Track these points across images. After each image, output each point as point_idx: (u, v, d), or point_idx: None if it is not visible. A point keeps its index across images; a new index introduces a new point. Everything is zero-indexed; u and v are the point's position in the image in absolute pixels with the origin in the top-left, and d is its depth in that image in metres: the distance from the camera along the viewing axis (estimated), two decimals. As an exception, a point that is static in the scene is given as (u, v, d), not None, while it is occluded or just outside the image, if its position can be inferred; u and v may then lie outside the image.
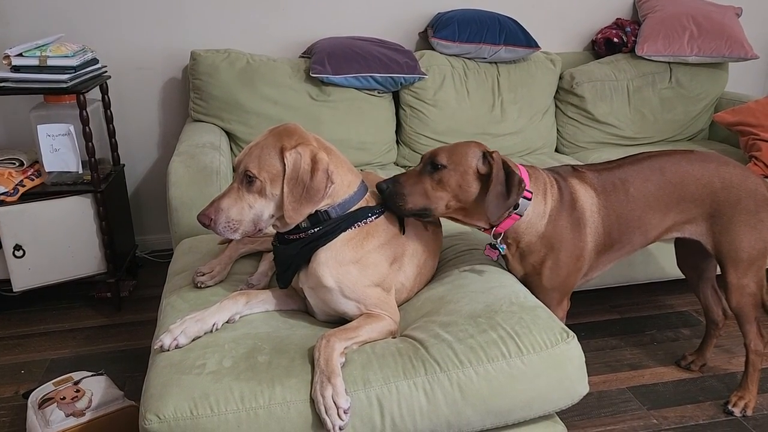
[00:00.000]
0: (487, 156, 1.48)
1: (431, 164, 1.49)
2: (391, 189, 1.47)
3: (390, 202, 1.47)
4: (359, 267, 1.40)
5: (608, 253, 1.72)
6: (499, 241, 1.59)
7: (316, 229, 1.39)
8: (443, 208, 1.51)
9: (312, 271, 1.40)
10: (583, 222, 1.64)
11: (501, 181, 1.46)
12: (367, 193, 1.47)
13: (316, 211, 1.38)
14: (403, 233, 1.50)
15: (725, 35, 2.94)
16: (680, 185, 1.72)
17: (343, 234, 1.39)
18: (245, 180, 1.35)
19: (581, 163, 1.78)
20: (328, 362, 1.23)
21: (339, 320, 1.46)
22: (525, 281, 1.68)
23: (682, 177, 1.72)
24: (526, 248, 1.61)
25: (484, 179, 1.48)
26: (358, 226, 1.41)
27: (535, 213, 1.58)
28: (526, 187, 1.54)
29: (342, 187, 1.41)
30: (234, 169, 1.39)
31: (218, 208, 1.35)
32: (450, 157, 1.48)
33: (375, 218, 1.44)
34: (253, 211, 1.36)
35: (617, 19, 3.16)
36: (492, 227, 1.57)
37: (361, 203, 1.44)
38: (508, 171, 1.47)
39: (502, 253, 1.61)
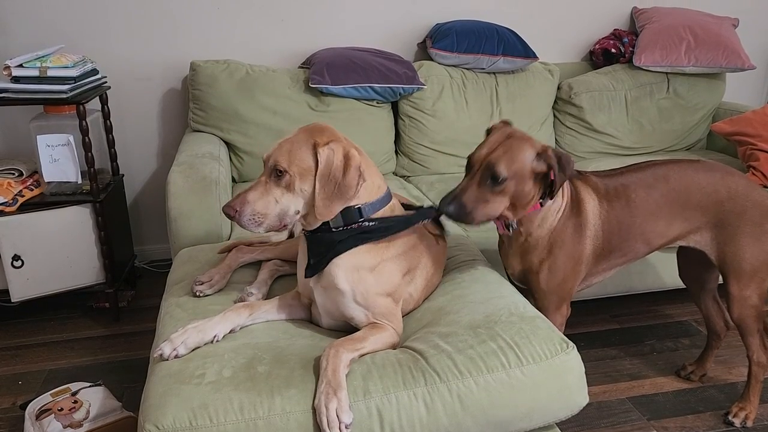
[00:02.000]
0: (542, 155, 1.48)
1: (492, 178, 1.47)
2: (458, 211, 1.47)
3: (458, 221, 1.49)
4: (375, 275, 1.40)
5: (608, 259, 1.72)
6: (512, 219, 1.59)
7: (372, 223, 1.39)
8: (501, 210, 1.52)
9: (328, 271, 1.40)
10: (585, 226, 1.64)
11: (560, 172, 1.47)
12: (393, 200, 1.47)
13: (348, 208, 1.37)
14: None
15: (722, 46, 2.96)
16: (685, 193, 1.72)
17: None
18: (274, 174, 1.34)
19: (585, 170, 1.78)
20: (335, 373, 1.22)
21: (342, 327, 1.46)
22: (522, 281, 1.68)
23: (687, 185, 1.72)
24: (532, 242, 1.61)
25: (539, 175, 1.50)
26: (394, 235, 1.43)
27: (553, 207, 1.59)
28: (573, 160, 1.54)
29: (373, 188, 1.41)
30: (263, 165, 1.38)
31: (244, 200, 1.33)
32: (509, 167, 1.46)
33: (429, 221, 1.50)
34: (280, 206, 1.35)
35: (615, 29, 3.18)
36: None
37: (388, 208, 1.44)
38: (558, 156, 1.48)
39: (514, 228, 1.60)
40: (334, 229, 1.38)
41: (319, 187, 1.33)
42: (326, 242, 1.39)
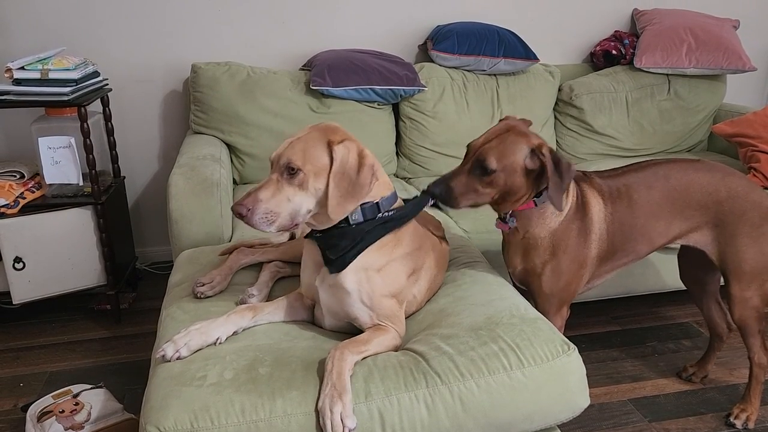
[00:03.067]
0: (536, 152, 1.48)
1: (481, 167, 1.48)
2: (444, 192, 1.49)
3: (443, 202, 1.50)
4: (382, 275, 1.40)
5: (611, 261, 1.72)
6: (509, 215, 1.59)
7: (390, 213, 1.40)
8: (488, 201, 1.53)
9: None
10: (590, 229, 1.64)
11: (554, 172, 1.46)
12: (399, 199, 1.48)
13: (366, 203, 1.37)
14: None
15: (723, 47, 2.96)
16: (685, 192, 1.72)
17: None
18: (287, 172, 1.32)
19: (586, 171, 1.78)
20: (340, 376, 1.22)
21: (344, 328, 1.46)
22: (524, 282, 1.67)
23: (687, 184, 1.72)
24: (531, 241, 1.61)
25: (532, 172, 1.50)
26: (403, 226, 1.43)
27: (554, 210, 1.58)
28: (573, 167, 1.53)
29: (385, 184, 1.42)
30: (271, 164, 1.37)
31: (256, 199, 1.31)
32: (500, 160, 1.47)
33: (431, 204, 1.49)
34: (292, 205, 1.33)
35: (615, 31, 3.18)
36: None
37: (397, 204, 1.45)
38: (557, 160, 1.47)
39: (513, 226, 1.60)
40: (353, 225, 1.38)
41: (333, 185, 1.32)
42: (350, 235, 1.37)
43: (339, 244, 1.38)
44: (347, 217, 1.37)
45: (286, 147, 1.35)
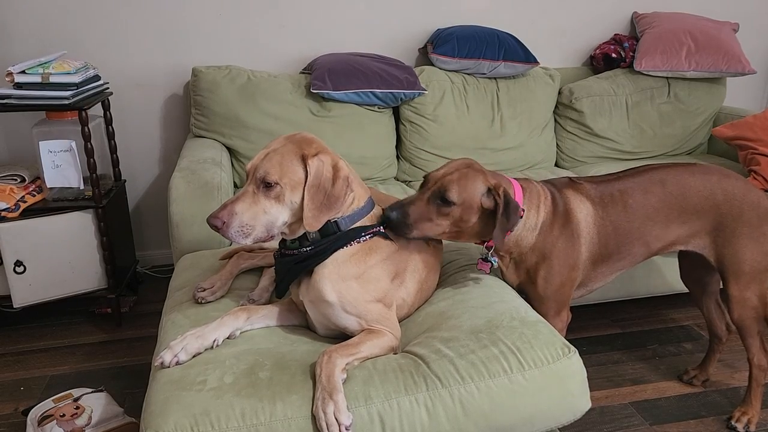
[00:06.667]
0: (492, 192, 1.49)
1: (441, 198, 1.48)
2: (399, 219, 1.47)
3: (397, 230, 1.47)
4: (361, 282, 1.40)
5: (606, 264, 1.72)
6: (490, 253, 1.60)
7: (307, 249, 1.39)
8: (441, 233, 1.53)
9: (313, 285, 1.40)
10: (578, 233, 1.65)
11: (504, 215, 1.47)
12: (375, 209, 1.47)
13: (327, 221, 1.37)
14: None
15: (722, 50, 2.97)
16: (682, 197, 1.72)
17: (345, 249, 1.40)
18: (263, 185, 1.33)
19: (580, 176, 1.79)
20: (329, 378, 1.22)
21: (339, 335, 1.46)
22: (521, 291, 1.68)
23: (683, 189, 1.73)
24: (518, 258, 1.64)
25: (485, 211, 1.50)
26: (350, 245, 1.40)
27: (525, 227, 1.60)
28: (521, 208, 1.55)
29: (351, 200, 1.41)
30: (247, 174, 1.38)
31: (232, 212, 1.32)
32: (460, 195, 1.48)
33: (368, 238, 1.42)
34: (268, 217, 1.34)
35: (615, 34, 3.19)
36: (483, 241, 1.58)
37: (368, 218, 1.44)
38: (507, 201, 1.48)
39: (495, 266, 1.62)
40: (303, 249, 1.39)
41: (309, 198, 1.33)
42: (291, 264, 1.41)
43: (283, 269, 1.44)
44: (305, 233, 1.38)
45: (263, 159, 1.35)
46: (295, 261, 1.40)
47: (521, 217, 1.56)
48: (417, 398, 1.25)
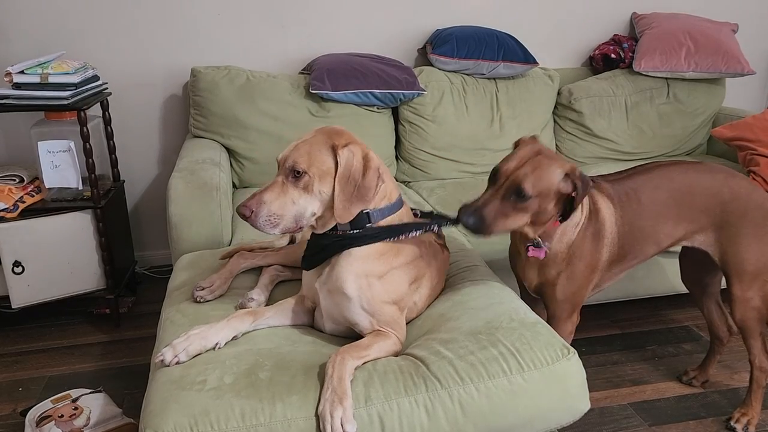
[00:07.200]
0: (570, 176, 1.45)
1: (516, 194, 1.44)
2: (477, 222, 1.43)
3: (475, 232, 1.44)
4: (383, 282, 1.40)
5: (621, 263, 1.72)
6: (541, 240, 1.56)
7: (355, 231, 1.38)
8: (520, 226, 1.50)
9: (336, 275, 1.39)
10: (603, 234, 1.64)
11: (583, 198, 1.46)
12: (404, 207, 1.47)
13: (359, 212, 1.36)
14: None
15: (722, 51, 2.97)
16: (689, 194, 1.72)
17: (374, 246, 1.39)
18: (292, 175, 1.33)
19: (595, 175, 1.77)
20: (341, 381, 1.22)
21: (344, 333, 1.47)
22: (538, 292, 1.67)
23: (690, 186, 1.72)
24: (551, 256, 1.60)
25: (563, 195, 1.47)
26: (397, 239, 1.40)
27: (571, 223, 1.58)
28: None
29: (384, 193, 1.41)
30: (278, 165, 1.37)
31: (260, 201, 1.32)
32: (536, 186, 1.44)
33: (420, 233, 1.43)
34: (296, 207, 1.34)
35: (615, 35, 3.19)
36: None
37: (398, 215, 1.43)
38: (585, 181, 1.46)
39: (547, 250, 1.57)
40: (340, 232, 1.38)
41: (339, 188, 1.32)
42: (330, 242, 1.39)
43: (317, 244, 1.42)
44: (336, 224, 1.37)
45: (292, 149, 1.35)
46: (339, 238, 1.38)
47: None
48: (416, 399, 1.25)
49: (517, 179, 1.44)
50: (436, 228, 1.48)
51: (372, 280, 1.39)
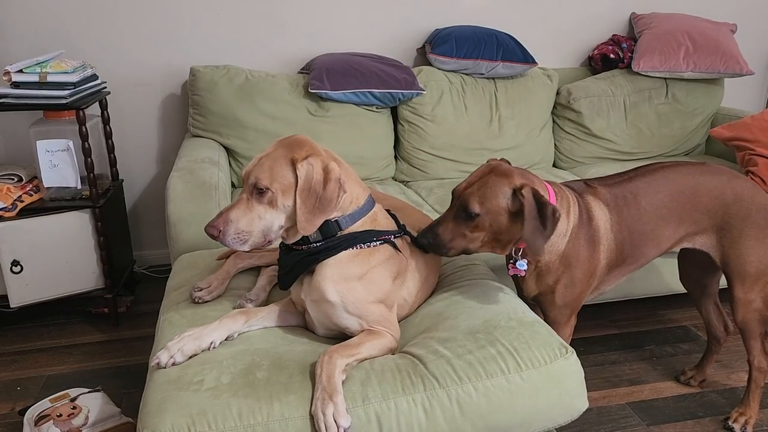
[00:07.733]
0: (516, 193, 1.45)
1: (465, 213, 1.46)
2: (432, 242, 1.48)
3: (434, 252, 1.50)
4: (363, 283, 1.40)
5: (620, 268, 1.71)
6: (519, 256, 1.56)
7: (319, 243, 1.39)
8: (480, 246, 1.51)
9: (315, 285, 1.40)
10: (598, 239, 1.63)
11: (534, 216, 1.42)
12: (375, 207, 1.47)
13: (326, 221, 1.37)
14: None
15: (720, 51, 2.97)
16: (693, 196, 1.72)
17: (349, 250, 1.39)
18: (255, 191, 1.34)
19: (591, 179, 1.76)
20: (330, 379, 1.22)
21: (338, 335, 1.46)
22: (537, 300, 1.67)
23: (694, 187, 1.72)
24: (544, 267, 1.60)
25: (517, 213, 1.46)
26: (360, 247, 1.40)
27: (557, 233, 1.56)
28: (557, 211, 1.47)
29: (351, 198, 1.41)
30: (242, 181, 1.38)
31: (227, 219, 1.33)
32: (482, 204, 1.45)
33: (378, 244, 1.43)
34: (263, 222, 1.35)
35: (613, 35, 3.19)
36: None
37: (369, 217, 1.43)
38: (540, 203, 1.43)
39: (524, 269, 1.57)
40: (312, 244, 1.39)
41: (300, 201, 1.33)
42: (298, 259, 1.41)
43: (288, 261, 1.43)
44: (307, 236, 1.38)
45: (255, 165, 1.36)
46: (305, 254, 1.40)
47: (558, 219, 1.47)
48: (414, 398, 1.25)
49: (464, 198, 1.47)
50: (393, 238, 1.46)
51: (352, 283, 1.39)
